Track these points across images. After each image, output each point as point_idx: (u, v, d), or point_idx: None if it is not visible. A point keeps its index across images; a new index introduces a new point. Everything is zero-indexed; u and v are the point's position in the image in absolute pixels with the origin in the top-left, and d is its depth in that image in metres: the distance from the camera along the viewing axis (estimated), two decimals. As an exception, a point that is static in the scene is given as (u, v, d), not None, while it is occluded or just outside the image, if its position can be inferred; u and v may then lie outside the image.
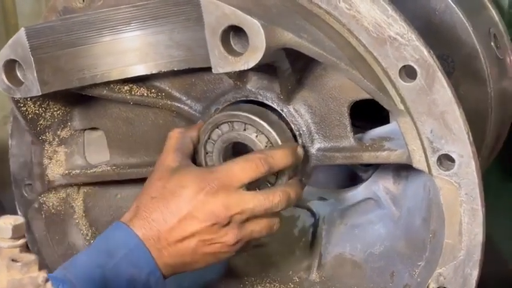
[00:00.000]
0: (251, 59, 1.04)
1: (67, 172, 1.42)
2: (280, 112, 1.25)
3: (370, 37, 1.10)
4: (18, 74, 1.21)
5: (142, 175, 1.34)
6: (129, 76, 1.24)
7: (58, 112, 1.38)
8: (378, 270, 1.32)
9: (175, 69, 1.21)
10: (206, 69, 1.13)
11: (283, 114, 1.25)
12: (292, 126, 1.25)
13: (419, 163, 1.11)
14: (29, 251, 0.79)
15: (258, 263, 1.45)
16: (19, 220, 0.79)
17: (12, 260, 0.77)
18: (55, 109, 1.37)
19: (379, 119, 1.29)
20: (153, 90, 1.32)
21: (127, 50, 1.21)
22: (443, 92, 1.07)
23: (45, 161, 1.41)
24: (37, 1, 2.41)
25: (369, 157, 1.20)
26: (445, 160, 1.09)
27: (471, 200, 1.09)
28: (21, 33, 1.18)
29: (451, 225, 1.11)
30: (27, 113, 1.33)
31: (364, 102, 1.21)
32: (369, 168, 1.54)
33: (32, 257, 0.77)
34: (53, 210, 1.45)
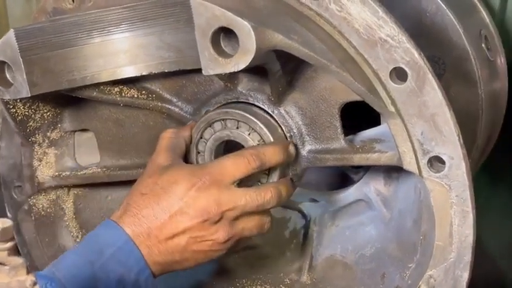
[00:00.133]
0: (241, 61, 1.04)
1: (57, 174, 1.41)
2: (271, 114, 1.25)
3: (360, 39, 1.10)
4: (7, 76, 1.21)
5: (132, 177, 1.34)
6: (119, 78, 1.23)
7: (48, 114, 1.37)
8: (369, 272, 1.32)
9: (165, 70, 1.21)
10: (197, 70, 1.13)
11: (274, 116, 1.25)
12: (283, 128, 1.25)
13: (409, 165, 1.11)
14: (17, 254, 0.79)
15: (249, 265, 1.45)
16: (7, 223, 0.79)
17: (-1, 264, 0.76)
18: (45, 111, 1.37)
19: (370, 121, 1.29)
20: (144, 91, 1.31)
21: (117, 52, 1.20)
22: (433, 94, 1.07)
23: (35, 163, 1.41)
24: (28, 2, 2.40)
25: (360, 159, 1.20)
26: (436, 162, 1.09)
27: (462, 202, 1.09)
28: (10, 34, 1.18)
29: (442, 227, 1.11)
30: (16, 115, 1.32)
31: (354, 104, 1.21)
32: (360, 170, 1.54)
33: (20, 261, 0.77)
34: (43, 212, 1.44)
